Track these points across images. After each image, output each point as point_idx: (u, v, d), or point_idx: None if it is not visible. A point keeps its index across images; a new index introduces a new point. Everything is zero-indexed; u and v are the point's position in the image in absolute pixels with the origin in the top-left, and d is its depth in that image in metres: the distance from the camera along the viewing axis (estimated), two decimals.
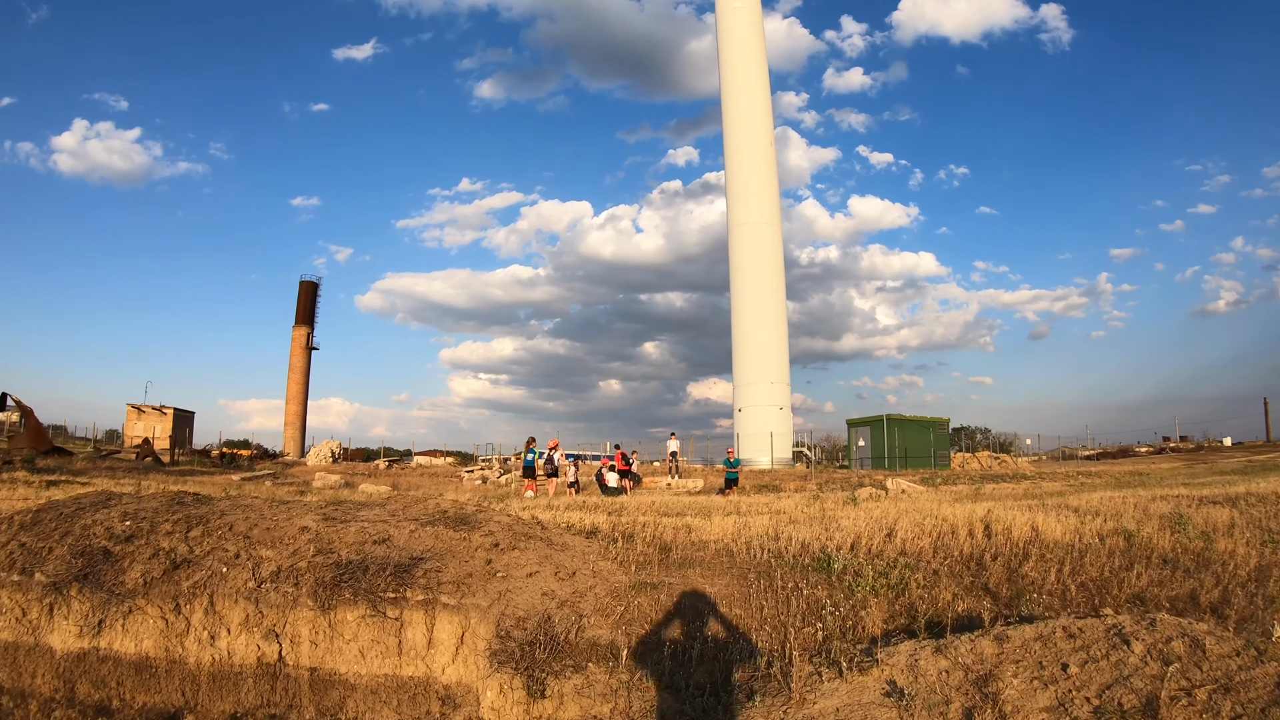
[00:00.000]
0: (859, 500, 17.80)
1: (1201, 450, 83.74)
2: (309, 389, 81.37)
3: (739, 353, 48.99)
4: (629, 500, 17.97)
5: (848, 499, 17.76)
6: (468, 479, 36.94)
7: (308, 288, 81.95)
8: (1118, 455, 70.66)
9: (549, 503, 16.01)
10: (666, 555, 9.00)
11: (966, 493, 23.07)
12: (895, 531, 10.66)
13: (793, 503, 17.87)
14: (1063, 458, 65.39)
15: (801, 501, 18.50)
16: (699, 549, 9.38)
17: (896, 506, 17.35)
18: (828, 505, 17.41)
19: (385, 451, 68.02)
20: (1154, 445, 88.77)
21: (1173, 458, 73.71)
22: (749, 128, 50.88)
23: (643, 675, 6.02)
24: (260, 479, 34.32)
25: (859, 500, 17.80)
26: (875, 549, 9.62)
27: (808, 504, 17.94)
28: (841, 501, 17.83)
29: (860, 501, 17.70)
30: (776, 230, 50.27)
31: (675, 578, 8.14)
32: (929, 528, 10.95)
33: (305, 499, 12.85)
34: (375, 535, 8.31)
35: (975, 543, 9.98)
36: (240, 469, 41.15)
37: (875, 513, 14.90)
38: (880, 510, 15.96)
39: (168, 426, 73.82)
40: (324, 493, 18.79)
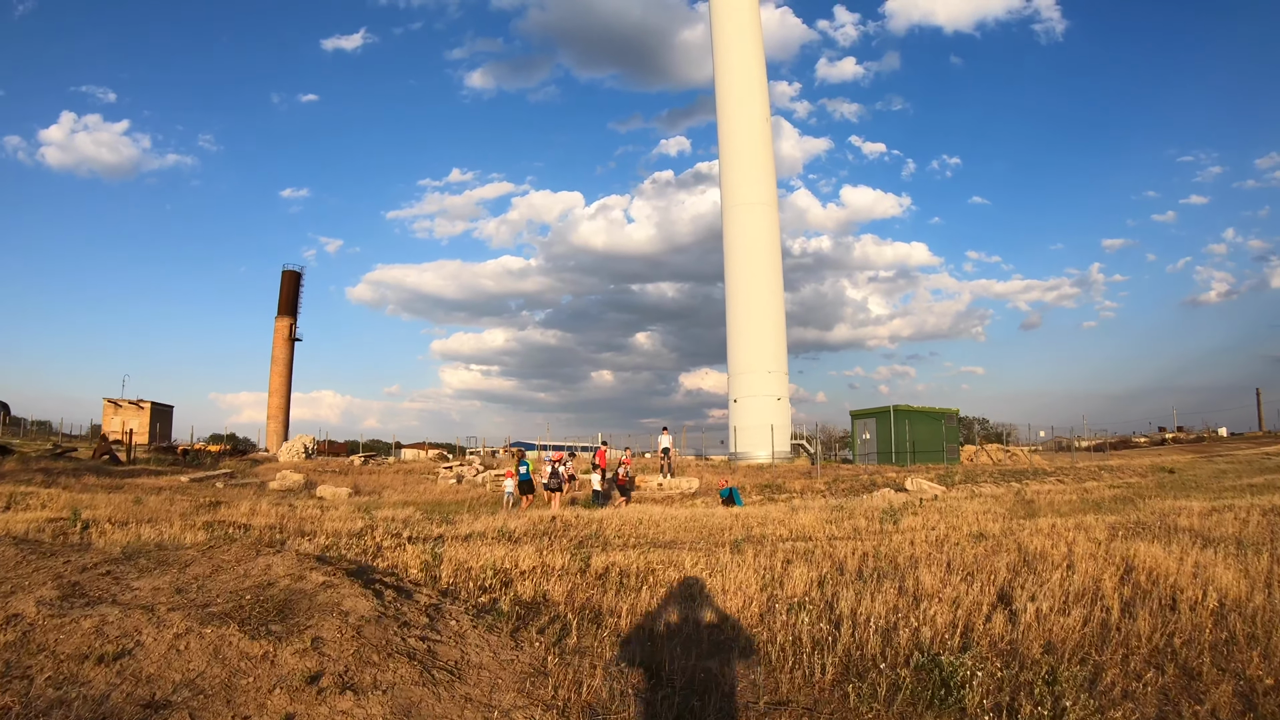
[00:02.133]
0: (896, 514, 13.87)
1: (1204, 441, 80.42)
2: (292, 381, 77.19)
3: (734, 340, 44.93)
4: (612, 517, 14.03)
5: (885, 514, 13.81)
6: (443, 476, 32.98)
7: (290, 278, 77.67)
8: (1118, 446, 66.96)
9: (504, 527, 12.04)
10: (655, 677, 4.91)
11: (1006, 497, 19.16)
12: (1008, 593, 6.72)
13: (812, 518, 13.93)
14: (1059, 449, 61.81)
15: (822, 514, 14.58)
16: (712, 653, 5.33)
17: (945, 522, 13.44)
18: (859, 522, 13.47)
19: (364, 446, 64.11)
20: (1150, 436, 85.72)
21: (1180, 449, 70.32)
22: (743, 102, 46.75)
23: None
24: (213, 479, 30.36)
25: (896, 514, 13.87)
26: (997, 636, 5.66)
27: (831, 518, 14.03)
28: (876, 516, 13.90)
29: (898, 516, 13.77)
30: (773, 210, 46.20)
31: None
32: (1050, 582, 7.02)
33: (98, 543, 8.85)
34: (115, 642, 4.37)
35: (1150, 616, 6.03)
36: (201, 467, 37.13)
37: (928, 535, 10.98)
38: (932, 528, 12.05)
39: (145, 421, 69.78)
40: (254, 508, 14.91)
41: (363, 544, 9.18)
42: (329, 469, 38.06)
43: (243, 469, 37.30)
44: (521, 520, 12.63)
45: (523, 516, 14.11)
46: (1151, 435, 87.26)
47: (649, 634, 5.57)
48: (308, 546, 8.59)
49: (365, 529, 11.15)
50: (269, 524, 11.92)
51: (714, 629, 5.77)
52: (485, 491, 28.23)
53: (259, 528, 11.41)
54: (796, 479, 29.17)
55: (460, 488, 30.22)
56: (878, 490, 23.74)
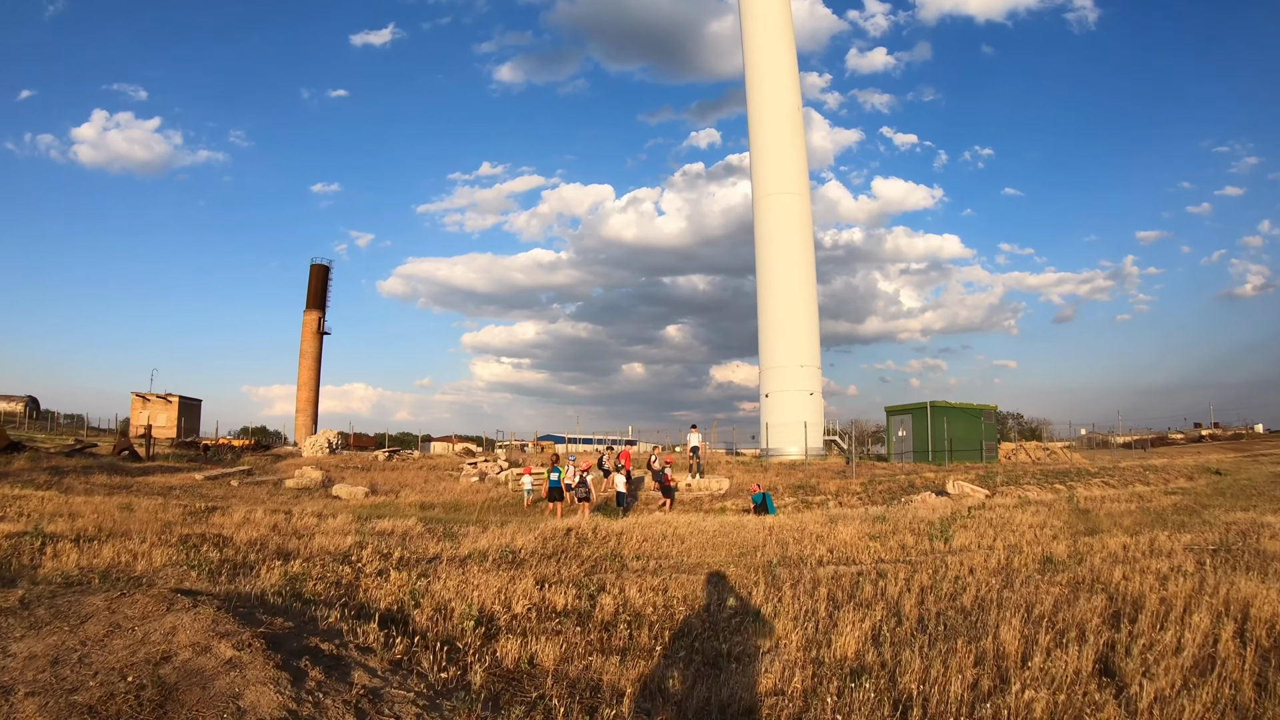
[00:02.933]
0: (946, 529, 12.44)
1: (1242, 439, 77.70)
2: (321, 375, 76.65)
3: (765, 334, 43.42)
4: (633, 529, 12.71)
5: (933, 530, 12.39)
6: (465, 474, 31.85)
7: (319, 271, 77.08)
8: (1155, 443, 64.60)
9: (510, 545, 10.84)
10: None
11: (1057, 505, 17.62)
12: (1110, 661, 5.34)
13: (853, 532, 12.53)
14: (1093, 445, 59.69)
15: (863, 526, 13.18)
16: None
17: (1001, 539, 12.01)
18: (905, 538, 12.07)
19: (393, 439, 63.24)
20: (1186, 432, 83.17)
21: (1219, 446, 67.88)
22: (774, 90, 45.13)
23: None
24: (229, 476, 29.42)
25: (946, 529, 12.44)
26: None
27: (874, 531, 12.63)
28: (923, 530, 12.48)
29: (948, 531, 12.34)
30: (805, 200, 44.60)
31: None
32: (1161, 644, 5.62)
33: (47, 566, 7.71)
34: None
35: None
36: (221, 463, 36.29)
37: (987, 559, 9.57)
38: (988, 547, 10.63)
39: (173, 415, 69.47)
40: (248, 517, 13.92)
41: (340, 571, 7.94)
42: (351, 465, 37.08)
43: (263, 465, 36.43)
44: (531, 536, 11.34)
45: (538, 528, 12.87)
46: (1187, 432, 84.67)
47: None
48: (270, 579, 7.35)
49: (354, 547, 9.91)
50: (253, 539, 10.73)
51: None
52: (506, 491, 27.06)
53: (239, 544, 10.22)
54: (831, 479, 27.72)
55: (482, 486, 29.07)
56: (917, 494, 22.25)
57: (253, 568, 8.16)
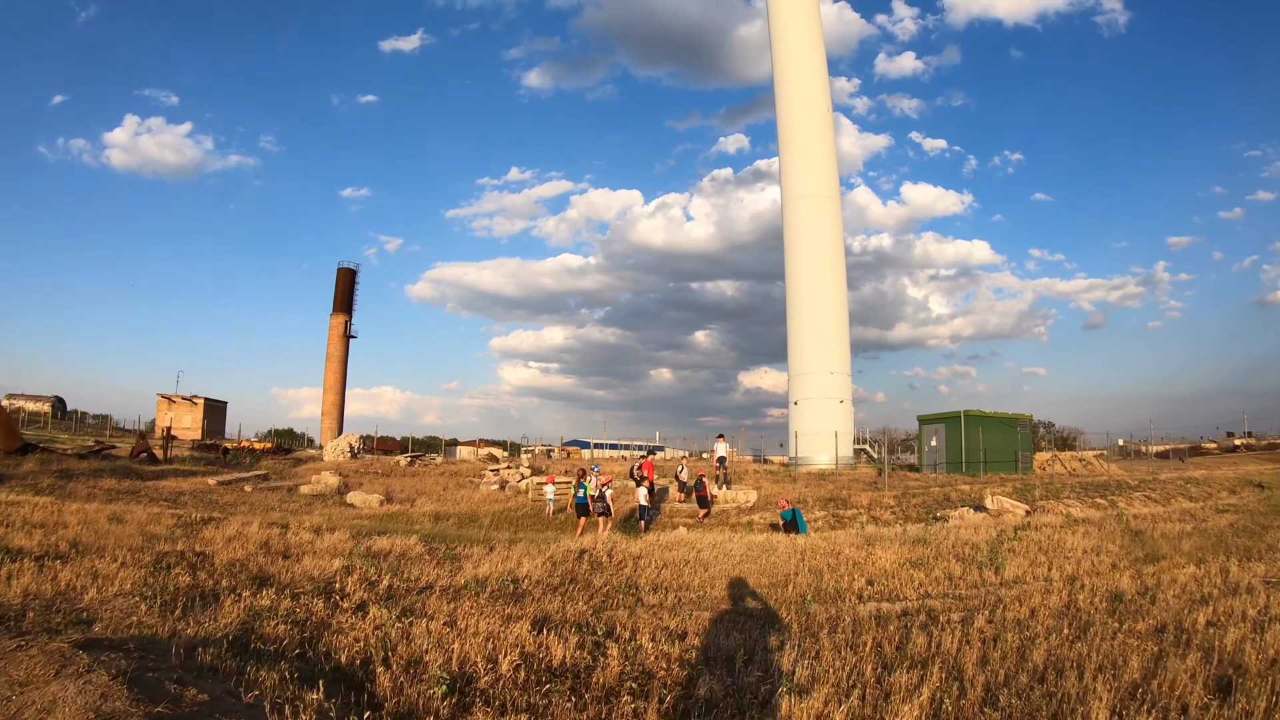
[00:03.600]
0: (995, 555, 11.26)
1: (1278, 449, 75.33)
2: (347, 378, 76.17)
3: (795, 340, 42.20)
4: (653, 551, 11.64)
5: (980, 557, 11.22)
6: (486, 481, 30.92)
7: (345, 275, 76.69)
8: (1190, 453, 62.52)
9: (513, 572, 9.87)
10: None
11: (1107, 524, 16.34)
12: None
13: (892, 558, 11.39)
14: (1125, 454, 57.91)
15: (902, 550, 12.03)
16: None
17: (1057, 568, 10.84)
18: (951, 566, 10.93)
19: (418, 443, 62.41)
20: (1219, 442, 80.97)
21: (1255, 457, 65.69)
22: (803, 91, 43.94)
23: None
24: (243, 482, 28.67)
25: (995, 555, 11.26)
26: None
27: (915, 557, 11.49)
28: (969, 556, 11.32)
29: (997, 559, 11.17)
30: (835, 204, 43.36)
31: None
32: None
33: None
34: None
35: None
36: (240, 467, 35.63)
37: (1046, 596, 8.44)
38: (1044, 579, 9.48)
39: (198, 417, 69.35)
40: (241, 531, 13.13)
41: (313, 607, 6.95)
42: (371, 470, 36.31)
43: (282, 469, 35.74)
44: (539, 560, 10.30)
45: (549, 549, 11.86)
46: (1220, 441, 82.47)
47: None
48: (232, 615, 6.39)
49: (341, 573, 8.93)
50: (236, 559, 9.79)
51: None
52: (526, 501, 26.07)
53: (219, 565, 9.28)
54: (862, 491, 26.49)
55: (502, 495, 28.11)
56: (954, 510, 21.01)
57: (218, 597, 7.21)
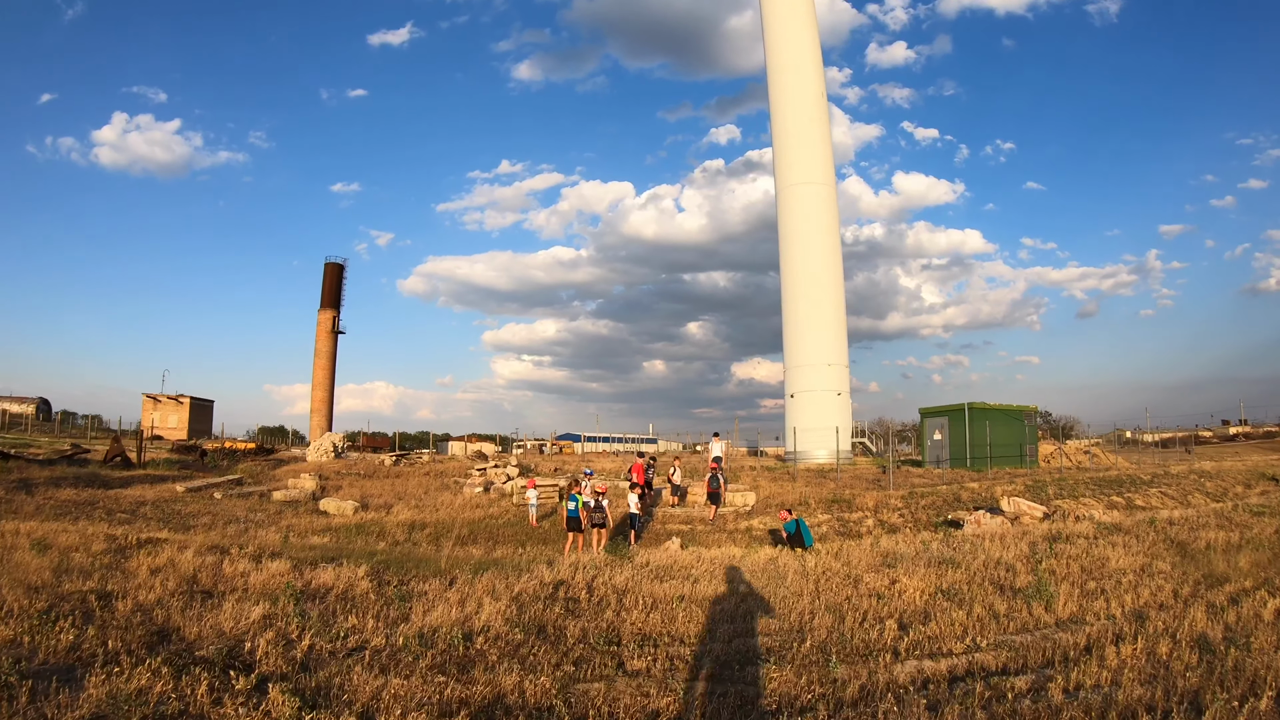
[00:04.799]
0: (1042, 588, 9.58)
1: (1276, 438, 74.16)
2: (336, 374, 74.14)
3: (790, 331, 40.53)
4: (640, 582, 9.96)
5: (1023, 587, 9.51)
6: (470, 483, 29.18)
7: (333, 269, 74.64)
8: (1187, 442, 61.11)
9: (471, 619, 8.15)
10: None
11: (1143, 532, 14.70)
12: None
13: (919, 586, 9.70)
14: (1123, 444, 56.54)
15: (931, 575, 10.35)
16: None
17: (1117, 601, 9.15)
18: (992, 599, 9.24)
19: (410, 438, 60.74)
20: (1214, 430, 79.90)
21: (1255, 446, 64.38)
22: (796, 75, 42.16)
23: None
24: (214, 487, 26.90)
25: (1042, 588, 9.58)
26: None
27: (946, 583, 9.81)
28: (1008, 585, 9.64)
29: (1045, 589, 9.49)
30: (831, 190, 41.65)
31: None
32: None
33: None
34: None
35: None
36: (217, 470, 33.87)
37: (1120, 644, 6.80)
38: (1105, 615, 7.82)
39: (184, 417, 67.53)
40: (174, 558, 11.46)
41: (196, 692, 5.24)
42: (354, 471, 34.55)
43: (259, 472, 33.96)
44: (504, 602, 8.57)
45: (520, 581, 10.20)
46: (1216, 430, 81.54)
47: None
48: (85, 704, 4.69)
49: (259, 625, 7.24)
50: (148, 602, 8.07)
51: None
52: (511, 506, 24.34)
53: (120, 614, 7.58)
54: (866, 490, 24.84)
55: (487, 498, 26.41)
56: (967, 512, 19.36)
57: (87, 669, 5.53)
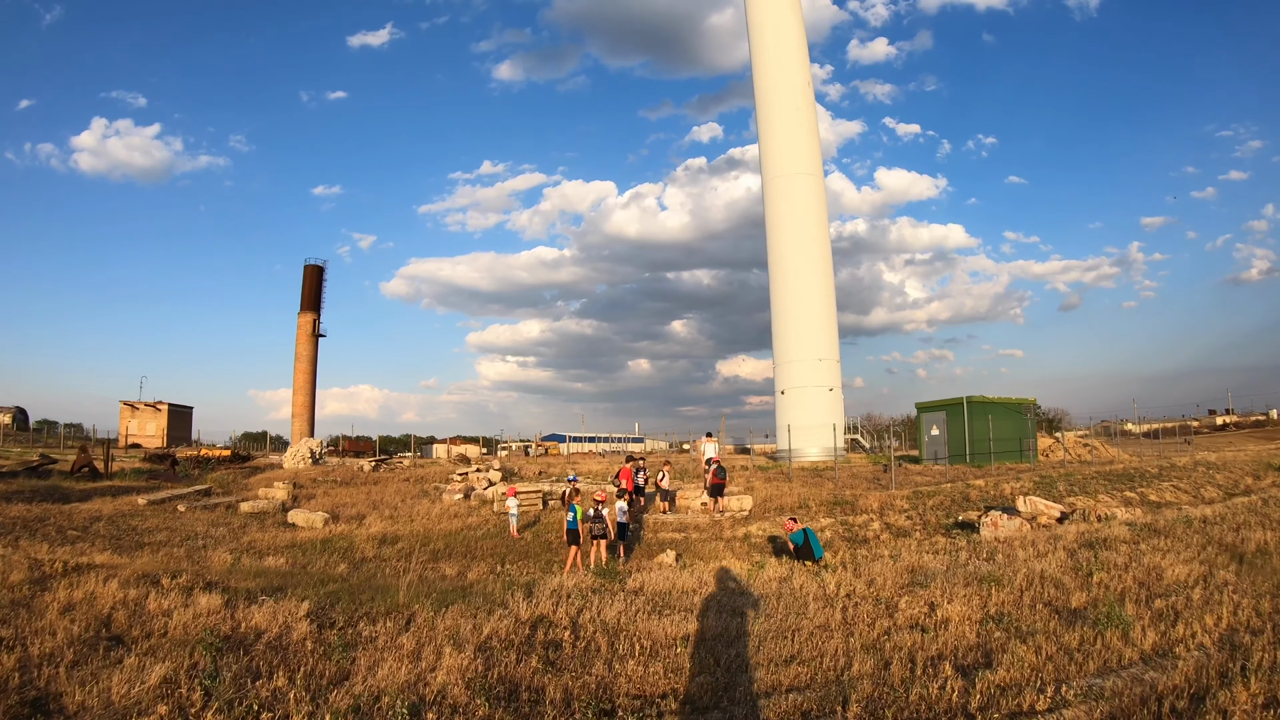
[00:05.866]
0: (1114, 613, 8.01)
1: (1266, 426, 73.71)
2: (316, 377, 72.18)
3: (780, 326, 39.01)
4: (636, 616, 8.37)
5: (1089, 610, 7.92)
6: (450, 490, 27.50)
7: (312, 272, 72.67)
8: (1179, 432, 60.19)
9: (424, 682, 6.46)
10: None
11: (1181, 533, 13.21)
12: None
13: (962, 611, 8.13)
14: (1111, 435, 55.45)
15: (971, 597, 8.79)
16: None
17: (1199, 627, 7.59)
18: (1054, 627, 7.66)
19: (388, 444, 58.91)
20: (1201, 420, 79.49)
21: (1250, 435, 63.64)
22: (782, 63, 40.67)
23: None
24: (179, 499, 25.10)
25: (1114, 613, 8.01)
26: None
27: (993, 606, 8.26)
28: (1061, 606, 8.07)
29: (1115, 613, 7.93)
30: (818, 181, 40.23)
31: None
32: None
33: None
34: None
35: None
36: (189, 480, 31.99)
37: (1243, 697, 5.26)
38: (1200, 648, 6.26)
39: (162, 423, 65.40)
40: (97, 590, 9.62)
41: None
42: (330, 478, 32.73)
43: (231, 480, 32.08)
44: (467, 652, 6.95)
45: (490, 620, 8.59)
46: (1203, 419, 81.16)
47: None
48: None
49: (160, 691, 5.60)
50: (34, 657, 6.41)
51: None
52: (491, 515, 22.68)
53: (10, 668, 5.94)
54: (867, 490, 23.30)
55: (466, 506, 24.73)
56: (984, 515, 17.83)
57: None
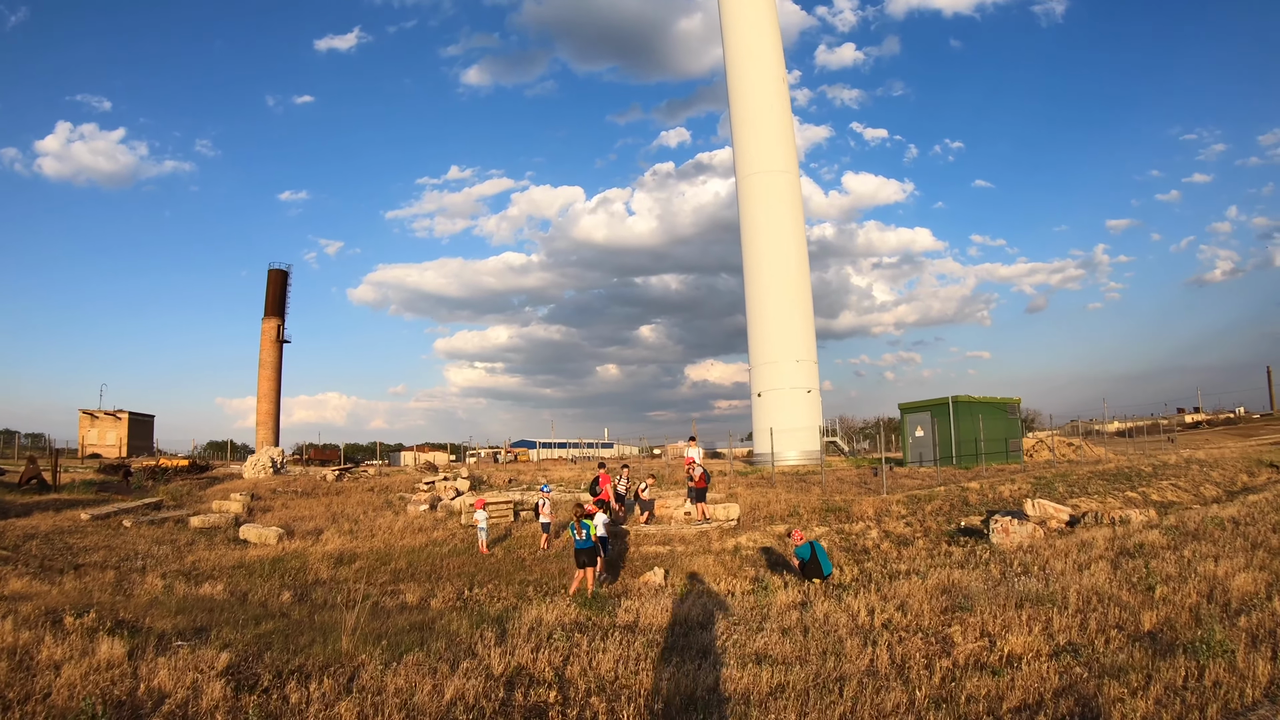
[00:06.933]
0: (1211, 639, 6.57)
1: (1238, 424, 73.52)
2: (281, 385, 69.62)
3: (756, 327, 37.55)
4: (632, 672, 6.79)
5: (1188, 638, 6.46)
6: (414, 500, 25.70)
7: (276, 276, 70.18)
8: (1150, 430, 59.61)
9: None
10: None
11: (1210, 534, 11.86)
12: None
13: (1026, 641, 6.65)
14: (1082, 435, 54.70)
15: (1020, 616, 7.33)
16: None
17: None
18: (1141, 659, 6.19)
19: (355, 451, 56.85)
20: (1170, 418, 79.35)
21: (1225, 432, 63.25)
22: (757, 59, 39.28)
23: None
24: (126, 513, 23.11)
25: (1211, 639, 6.57)
26: None
27: (1064, 633, 6.79)
28: (1134, 631, 6.63)
29: (1211, 638, 6.49)
30: (794, 179, 38.81)
31: None
32: None
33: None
34: None
35: None
36: (138, 492, 29.88)
37: None
38: None
39: (123, 433, 62.64)
40: None
41: None
42: (291, 489, 30.72)
43: (186, 492, 29.96)
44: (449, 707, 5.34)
45: (461, 675, 6.95)
46: (1172, 418, 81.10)
47: None
48: None
49: None
50: None
51: None
52: (459, 526, 20.95)
53: None
54: (858, 495, 21.84)
55: (432, 517, 22.96)
56: (993, 521, 16.45)
57: None
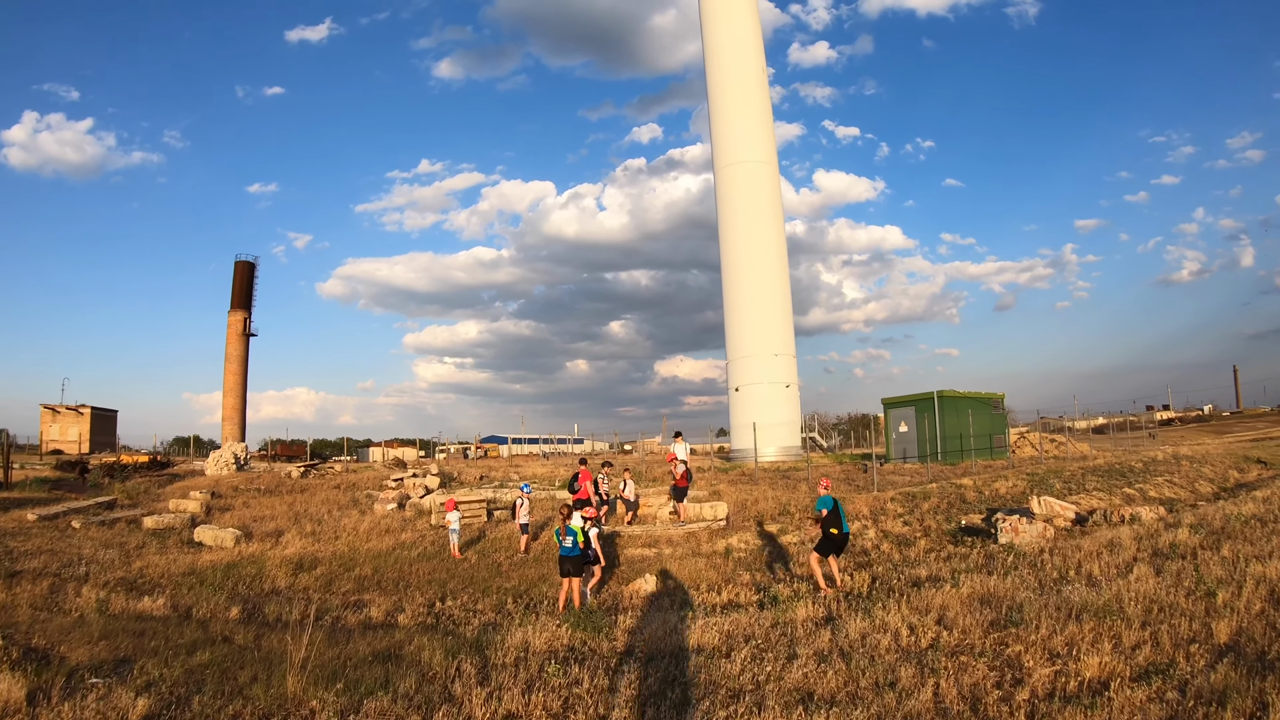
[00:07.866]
0: None
1: (1210, 421, 73.68)
2: (247, 379, 67.58)
3: (733, 320, 36.44)
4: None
5: None
6: (381, 499, 24.27)
7: (243, 268, 68.04)
8: (1122, 427, 59.32)
9: None
10: None
11: (1241, 531, 10.85)
12: None
13: (1106, 663, 5.53)
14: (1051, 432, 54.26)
15: (1077, 631, 6.21)
16: None
17: None
18: (1249, 687, 5.09)
19: (322, 447, 55.13)
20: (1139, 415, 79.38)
21: (1200, 429, 63.11)
22: (736, 45, 38.17)
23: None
24: (75, 514, 21.51)
25: None
26: None
27: (1128, 645, 5.68)
28: (1248, 661, 5.58)
29: None
30: (773, 169, 37.74)
31: None
32: None
33: None
34: None
35: None
36: (93, 490, 28.20)
37: None
38: None
39: (85, 428, 60.43)
40: None
41: None
42: (254, 486, 29.13)
43: (145, 490, 28.31)
44: None
45: None
46: (1142, 415, 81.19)
47: None
48: None
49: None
50: None
51: None
52: (429, 527, 19.60)
53: None
54: (849, 493, 20.71)
55: (401, 517, 21.57)
56: (1003, 521, 15.42)
57: None
